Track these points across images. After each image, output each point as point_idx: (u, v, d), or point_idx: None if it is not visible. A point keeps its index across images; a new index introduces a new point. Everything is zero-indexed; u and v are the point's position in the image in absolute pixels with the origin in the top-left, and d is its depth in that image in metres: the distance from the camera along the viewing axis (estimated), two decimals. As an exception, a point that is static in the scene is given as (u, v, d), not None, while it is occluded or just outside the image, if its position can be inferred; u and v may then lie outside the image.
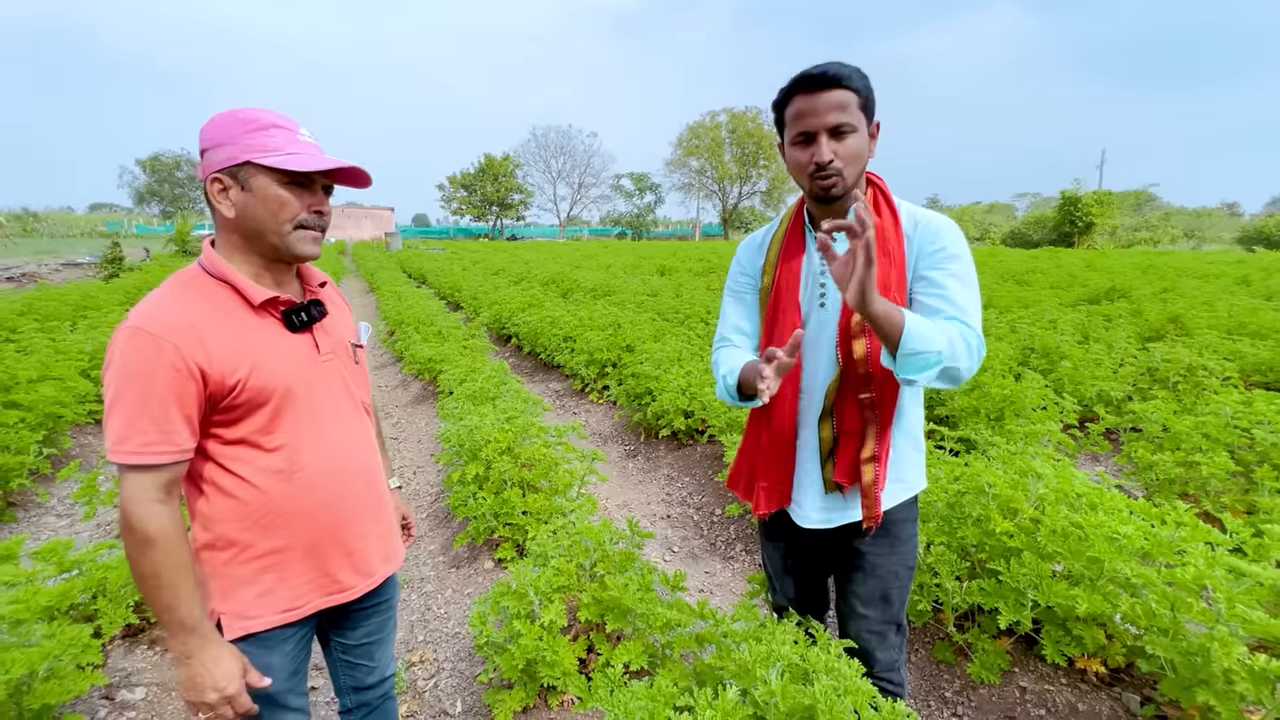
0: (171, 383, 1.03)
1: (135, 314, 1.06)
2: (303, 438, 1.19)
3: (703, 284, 11.34)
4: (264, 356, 1.13)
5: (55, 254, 23.01)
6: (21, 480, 3.59)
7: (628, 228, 68.41)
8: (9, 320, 6.71)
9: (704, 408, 4.06)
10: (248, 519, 1.15)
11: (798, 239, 1.46)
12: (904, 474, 1.42)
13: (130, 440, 1.02)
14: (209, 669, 1.08)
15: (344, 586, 1.28)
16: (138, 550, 1.04)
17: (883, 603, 1.49)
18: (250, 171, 1.09)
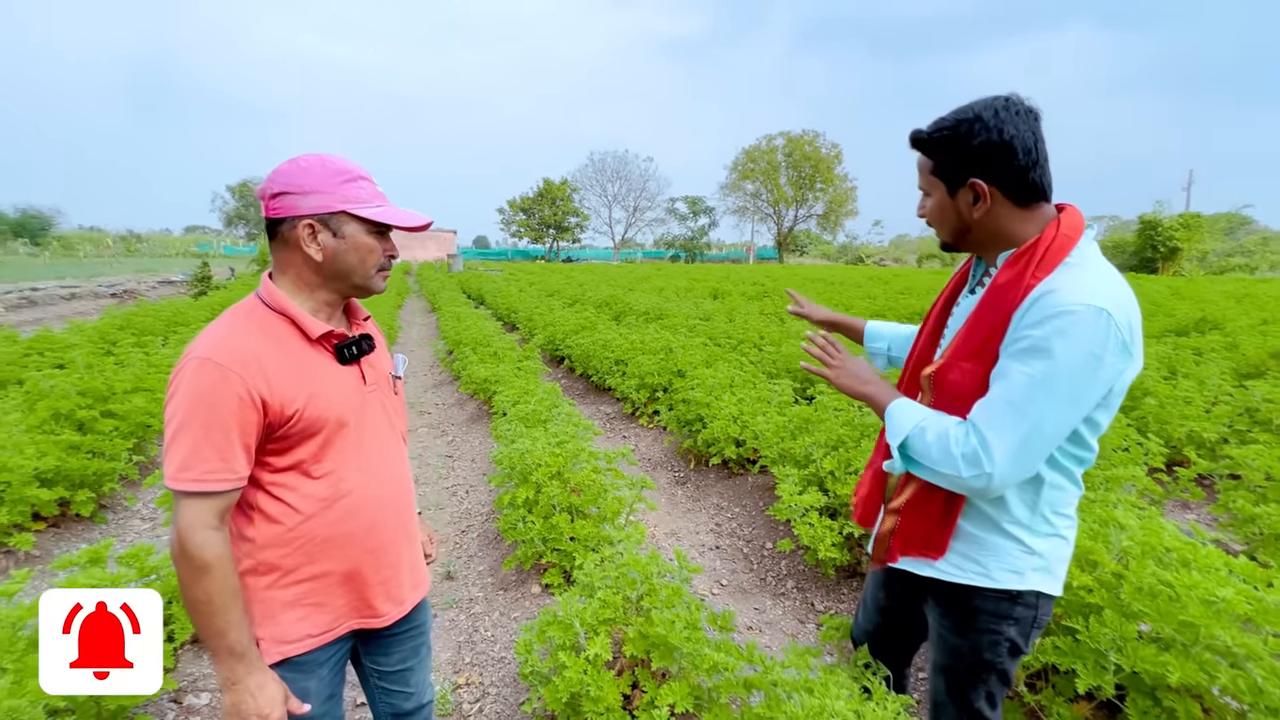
0: (236, 412, 1.07)
1: (201, 345, 1.09)
2: (348, 465, 1.23)
3: (756, 308, 11.22)
4: (319, 387, 1.18)
5: (153, 272, 25.03)
6: (113, 485, 3.86)
7: (681, 250, 68.75)
8: (110, 334, 7.30)
9: (756, 437, 3.98)
10: (291, 544, 1.19)
11: (962, 275, 1.42)
12: (984, 560, 1.28)
13: (194, 468, 1.05)
14: (254, 695, 1.11)
15: (378, 613, 1.32)
16: (193, 576, 1.07)
17: (944, 677, 1.41)
18: (343, 220, 1.17)
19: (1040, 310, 1.08)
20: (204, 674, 2.21)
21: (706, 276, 22.46)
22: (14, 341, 6.32)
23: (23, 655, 1.51)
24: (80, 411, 4.05)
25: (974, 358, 1.19)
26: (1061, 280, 1.10)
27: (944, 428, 1.17)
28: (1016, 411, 1.09)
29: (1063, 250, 1.13)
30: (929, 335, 1.41)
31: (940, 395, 1.25)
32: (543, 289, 16.50)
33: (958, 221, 1.25)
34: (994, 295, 1.18)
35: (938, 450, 1.16)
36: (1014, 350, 1.11)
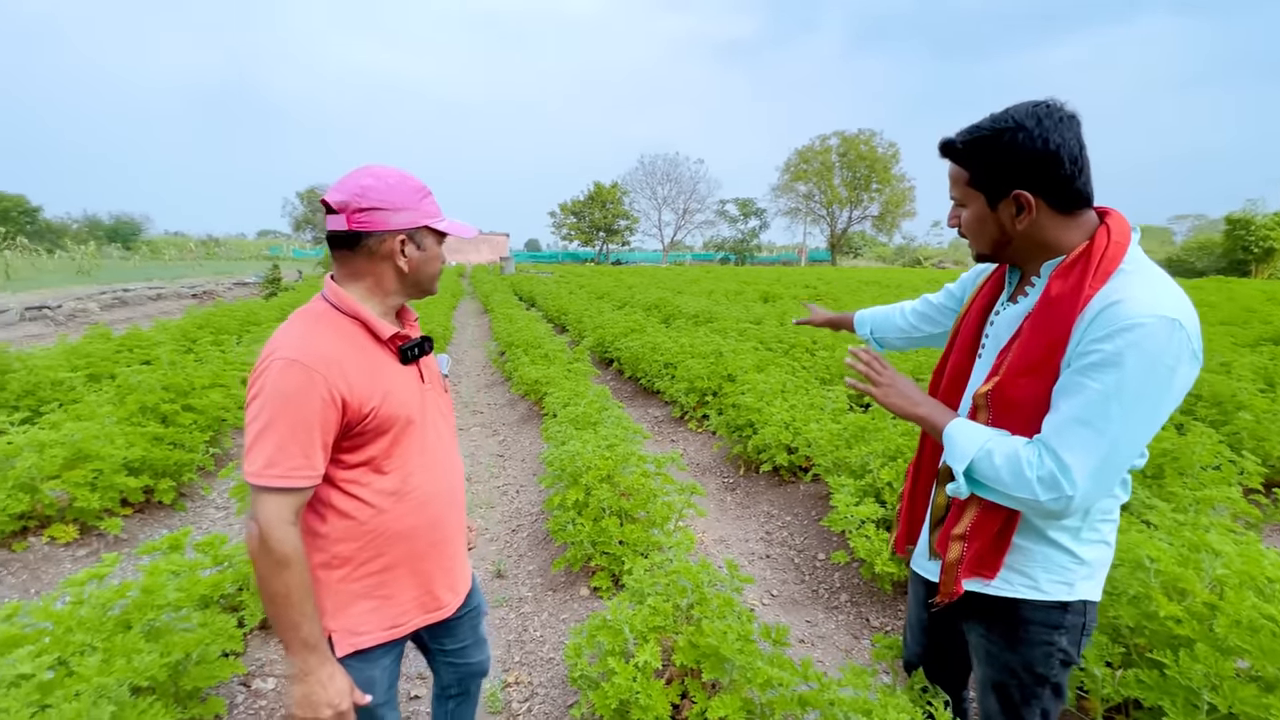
0: (319, 412, 1.11)
1: (285, 346, 1.13)
2: (414, 461, 1.28)
3: (808, 313, 11.00)
4: (391, 386, 1.23)
5: (229, 274, 26.64)
6: (191, 475, 4.11)
7: (731, 253, 68.13)
8: (191, 332, 7.79)
9: (809, 444, 3.88)
10: (363, 538, 1.23)
11: (997, 281, 1.38)
12: (1033, 573, 1.24)
13: (279, 465, 1.09)
14: (325, 685, 1.15)
15: (441, 604, 1.39)
16: (273, 570, 1.10)
17: (996, 696, 1.35)
18: (424, 233, 1.27)
19: (1108, 323, 1.03)
20: (270, 659, 2.31)
21: (757, 279, 22.18)
22: (108, 339, 6.82)
23: (111, 635, 1.61)
24: (164, 405, 4.33)
25: (1033, 373, 1.13)
26: (1123, 289, 1.05)
27: (1013, 450, 1.11)
28: (1093, 431, 1.04)
29: (1116, 258, 1.08)
30: (965, 349, 1.38)
31: (1000, 414, 1.19)
32: (592, 291, 16.65)
33: (998, 234, 1.20)
34: (1050, 308, 1.12)
35: (1009, 474, 1.10)
36: (1083, 365, 1.06)
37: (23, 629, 1.60)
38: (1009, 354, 1.18)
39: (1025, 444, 1.11)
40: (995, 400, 1.18)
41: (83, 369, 5.55)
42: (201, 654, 1.88)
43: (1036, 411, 1.13)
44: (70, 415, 3.99)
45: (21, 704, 1.31)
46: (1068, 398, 1.07)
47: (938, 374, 1.45)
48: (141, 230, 59.53)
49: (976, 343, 1.36)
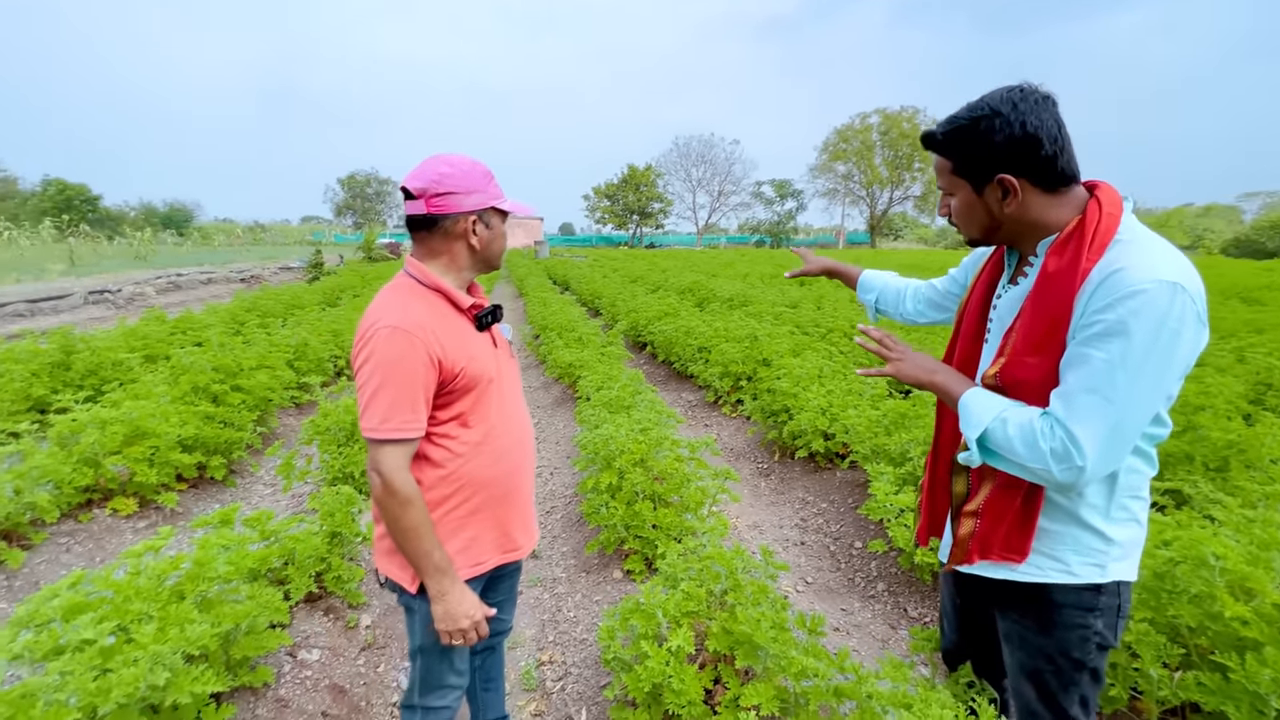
0: (422, 371, 1.28)
1: (386, 316, 1.29)
2: (494, 416, 1.45)
3: (846, 296, 10.74)
4: (474, 350, 1.40)
5: (275, 259, 27.50)
6: (240, 453, 4.26)
7: (766, 235, 66.97)
8: (240, 316, 8.07)
9: (846, 431, 3.80)
10: (452, 483, 1.40)
11: (995, 265, 1.37)
12: (1063, 555, 1.22)
13: (393, 419, 1.26)
14: (460, 602, 1.36)
15: (517, 545, 1.56)
16: (401, 509, 1.28)
17: (1031, 682, 1.32)
18: (491, 213, 1.42)
19: (1109, 292, 1.03)
20: (315, 632, 2.39)
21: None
22: (162, 321, 7.12)
23: (165, 605, 1.68)
24: (214, 386, 4.49)
25: (1038, 352, 1.13)
26: (1121, 259, 1.05)
27: (1027, 420, 1.10)
28: (1101, 399, 1.04)
29: (1110, 230, 1.09)
30: (971, 335, 1.36)
31: (1010, 395, 1.18)
32: (626, 275, 16.61)
33: (987, 218, 1.21)
34: (1048, 284, 1.12)
35: (1022, 444, 1.09)
36: (1087, 336, 1.05)
37: (86, 596, 1.68)
38: (1013, 335, 1.18)
39: (1040, 415, 1.10)
40: (1004, 381, 1.18)
41: (140, 350, 5.81)
42: (250, 625, 1.95)
43: (1045, 389, 1.13)
44: (129, 395, 4.18)
45: (85, 667, 1.38)
46: (1074, 370, 1.07)
47: (946, 361, 1.43)
48: (193, 217, 61.84)
49: (982, 328, 1.35)
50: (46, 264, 19.44)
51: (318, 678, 2.20)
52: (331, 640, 2.41)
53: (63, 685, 1.33)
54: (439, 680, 1.52)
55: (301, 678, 2.16)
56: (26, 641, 1.47)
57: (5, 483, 2.82)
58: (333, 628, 2.48)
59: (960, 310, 1.43)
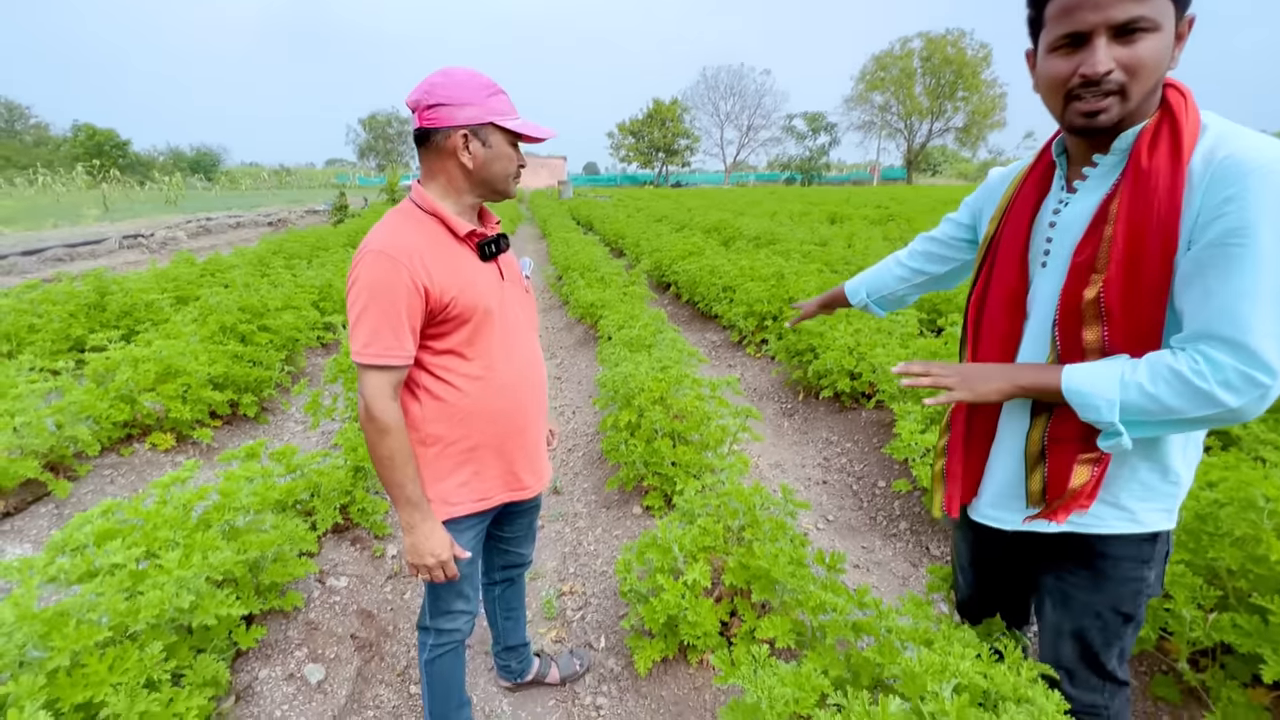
0: (405, 298, 1.22)
1: (374, 240, 1.25)
2: (495, 350, 1.39)
3: (879, 233, 10.34)
4: (469, 280, 1.32)
5: (301, 203, 27.60)
6: (270, 391, 4.36)
7: (797, 172, 64.52)
8: (266, 258, 8.13)
9: (874, 370, 3.70)
10: (452, 418, 1.37)
11: (1039, 180, 1.17)
12: (1129, 503, 1.10)
13: (375, 345, 1.23)
14: (428, 538, 1.34)
15: (524, 485, 1.53)
16: (378, 437, 1.26)
17: (1076, 640, 1.23)
18: (490, 130, 1.30)
19: (1228, 179, 0.89)
20: (342, 560, 2.47)
21: (824, 200, 21.01)
22: (192, 263, 7.22)
23: (192, 533, 1.72)
24: (241, 325, 4.56)
25: (1144, 260, 0.96)
26: (1223, 144, 0.92)
27: (1162, 367, 0.94)
28: (1270, 296, 0.88)
29: (1197, 115, 0.97)
30: (1013, 265, 1.17)
31: (1118, 318, 1.00)
32: (650, 214, 16.24)
33: (1161, 68, 0.94)
34: (1147, 182, 0.96)
35: (1174, 395, 0.93)
36: (1218, 233, 0.90)
37: (118, 524, 1.73)
38: (1100, 247, 1.00)
39: (1171, 355, 0.94)
40: (1110, 300, 0.99)
41: (171, 292, 5.91)
42: (278, 553, 2.01)
43: (1156, 307, 0.97)
44: (161, 335, 4.27)
45: (115, 590, 1.43)
46: (1215, 278, 0.91)
47: (975, 309, 1.24)
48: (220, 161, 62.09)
49: (1024, 256, 1.16)
50: (82, 209, 19.82)
51: (346, 603, 2.28)
52: (359, 569, 2.49)
53: (95, 606, 1.38)
54: (446, 605, 1.55)
55: (330, 603, 2.24)
56: (61, 565, 1.52)
57: (46, 417, 2.92)
58: (360, 557, 2.55)
59: (987, 246, 1.24)
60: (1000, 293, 1.19)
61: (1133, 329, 1.00)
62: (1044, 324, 1.12)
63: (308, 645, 2.01)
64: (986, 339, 1.22)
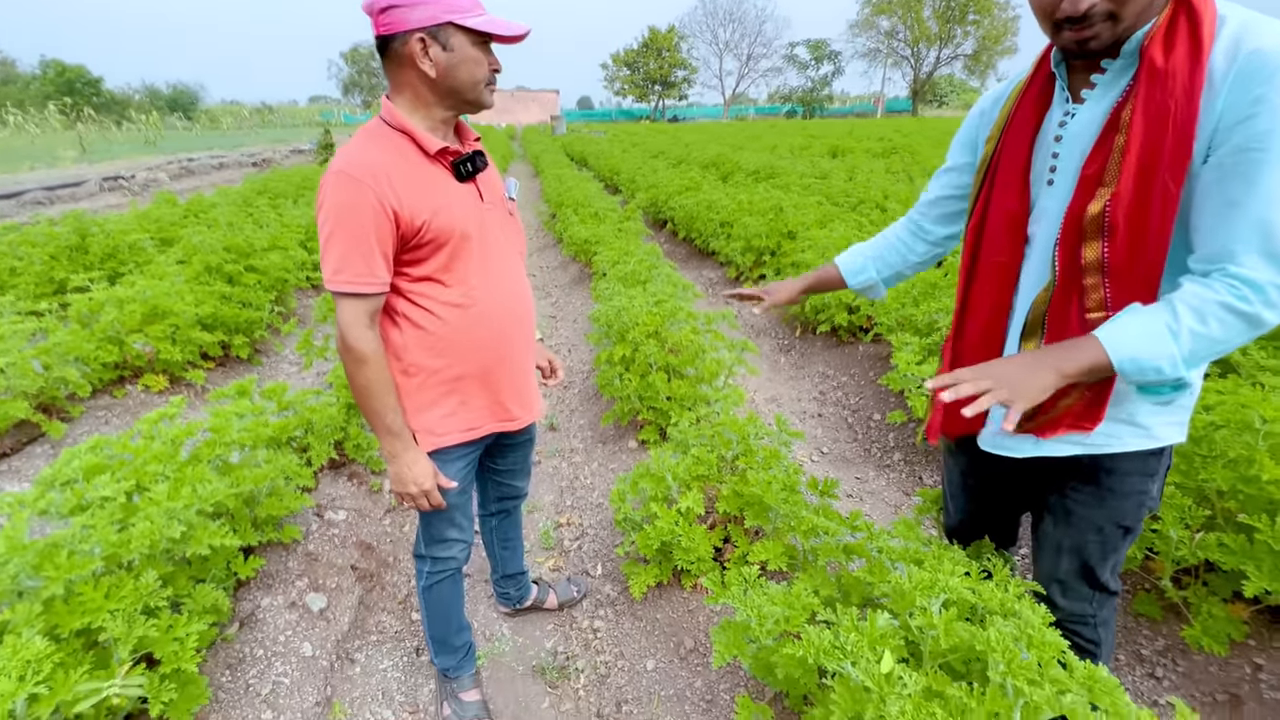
0: (372, 221, 1.16)
1: (338, 161, 1.17)
2: (475, 276, 1.32)
3: (881, 166, 10.05)
4: (442, 202, 1.24)
5: (285, 142, 26.66)
6: (262, 332, 4.31)
7: (798, 105, 62.17)
8: (251, 199, 7.90)
9: (871, 303, 3.64)
10: (433, 348, 1.33)
11: (1039, 93, 1.09)
12: (1143, 419, 1.07)
13: (345, 272, 1.17)
14: (410, 467, 1.32)
15: (512, 415, 1.49)
16: (355, 366, 1.23)
17: (1074, 554, 1.23)
18: (450, 31, 1.18)
19: (1254, 76, 0.83)
20: (340, 495, 2.49)
21: (826, 133, 20.33)
22: (174, 204, 7.00)
23: (181, 467, 1.71)
24: (227, 266, 4.46)
25: (1157, 170, 0.90)
26: (1246, 38, 0.85)
27: (1208, 303, 0.88)
28: None
29: (1212, 5, 0.88)
30: (1013, 187, 1.10)
31: (1122, 233, 0.94)
32: (647, 150, 15.74)
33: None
34: (1163, 83, 0.89)
35: (1225, 329, 0.89)
36: (1242, 138, 0.84)
37: (106, 459, 1.72)
38: (1110, 158, 0.94)
39: (1206, 288, 0.88)
40: (1115, 215, 0.93)
41: (153, 233, 5.75)
42: (273, 487, 2.01)
43: (1164, 223, 0.91)
44: (146, 276, 4.17)
45: (106, 522, 1.42)
46: (1241, 187, 0.85)
47: (973, 236, 1.18)
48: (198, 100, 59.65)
49: (1026, 176, 1.09)
50: (57, 151, 19.15)
51: (345, 535, 2.31)
52: (357, 503, 2.51)
53: (86, 538, 1.38)
54: (439, 534, 1.55)
55: (329, 535, 2.27)
56: (51, 499, 1.52)
57: (31, 358, 2.88)
58: (357, 491, 2.57)
59: (986, 166, 1.15)
60: (1000, 218, 1.13)
61: (1137, 246, 0.94)
62: (1047, 246, 1.06)
63: (308, 575, 2.05)
64: (985, 268, 1.17)
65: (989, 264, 1.16)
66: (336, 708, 1.75)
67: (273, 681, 1.70)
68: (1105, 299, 0.99)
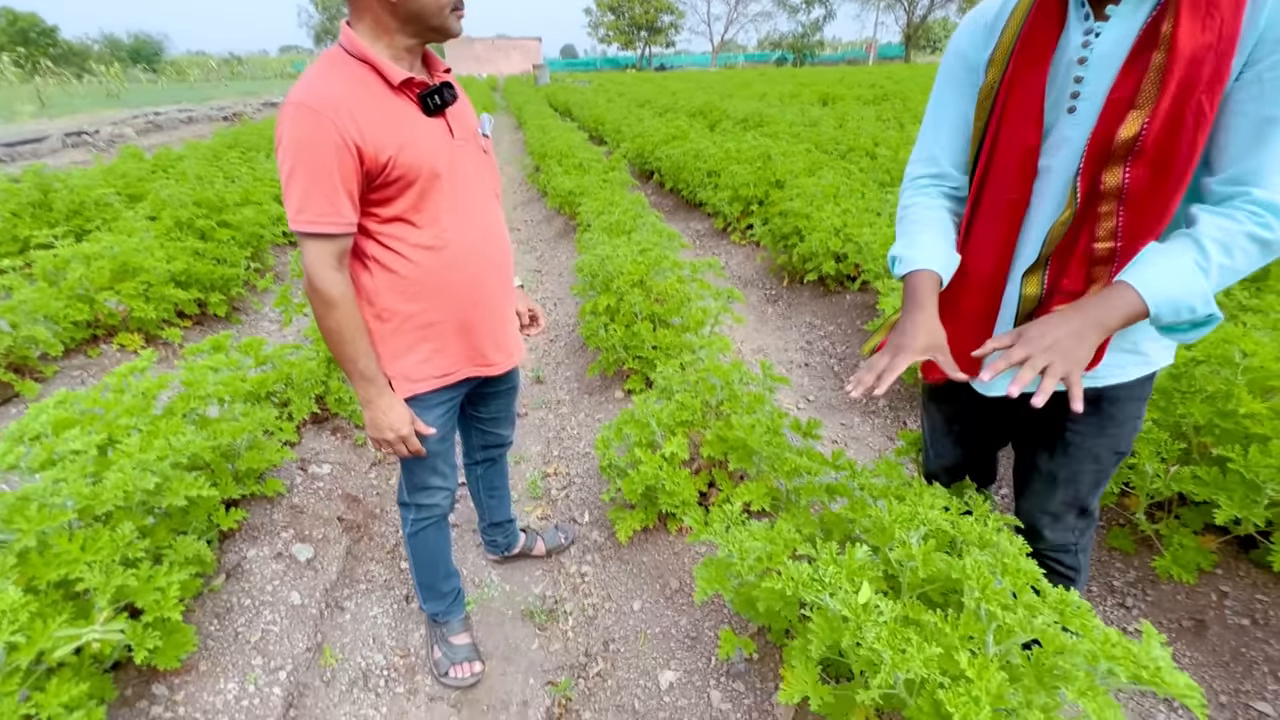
0: (334, 156, 1.10)
1: (296, 92, 1.10)
2: (446, 216, 1.27)
3: (872, 113, 9.82)
4: (409, 137, 1.18)
5: (257, 95, 25.58)
6: (239, 289, 4.20)
7: (789, 52, 60.31)
8: (221, 153, 7.61)
9: (859, 250, 3.60)
10: (405, 292, 1.28)
11: (1055, 10, 0.99)
12: (1143, 345, 1.05)
13: (307, 210, 1.12)
14: (385, 413, 1.30)
15: (489, 361, 1.46)
16: (324, 309, 1.19)
17: (1068, 485, 1.22)
18: None
19: None
20: (324, 449, 2.48)
21: (816, 80, 19.78)
22: (141, 159, 6.73)
23: (155, 421, 1.68)
24: (199, 221, 4.31)
25: (1198, 89, 0.84)
26: None
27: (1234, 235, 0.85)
28: None
29: None
30: (1026, 117, 1.01)
31: (1149, 157, 0.89)
32: (633, 99, 15.28)
33: None
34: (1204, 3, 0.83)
35: (1250, 260, 0.87)
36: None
37: (76, 414, 1.68)
38: (1146, 78, 0.87)
39: (1230, 219, 0.85)
40: (1150, 140, 0.88)
41: (120, 189, 5.54)
42: (253, 440, 1.99)
43: (1193, 146, 0.86)
44: (114, 233, 4.03)
45: (78, 475, 1.40)
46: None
47: (981, 172, 1.09)
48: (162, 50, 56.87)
49: (1043, 105, 1.00)
50: (15, 105, 18.29)
51: (330, 488, 2.30)
52: (341, 456, 2.50)
53: (58, 491, 1.35)
54: (421, 481, 1.54)
55: (314, 489, 2.26)
56: (19, 453, 1.48)
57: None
58: (341, 445, 2.56)
59: (993, 90, 1.05)
60: (1012, 152, 1.04)
61: (1162, 171, 0.89)
62: (1064, 177, 0.99)
63: (294, 527, 2.04)
64: (991, 206, 1.09)
65: (997, 202, 1.08)
66: (327, 652, 1.77)
67: (262, 629, 1.71)
68: (1117, 228, 0.95)
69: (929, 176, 1.19)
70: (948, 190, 1.18)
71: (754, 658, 1.63)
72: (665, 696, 1.63)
